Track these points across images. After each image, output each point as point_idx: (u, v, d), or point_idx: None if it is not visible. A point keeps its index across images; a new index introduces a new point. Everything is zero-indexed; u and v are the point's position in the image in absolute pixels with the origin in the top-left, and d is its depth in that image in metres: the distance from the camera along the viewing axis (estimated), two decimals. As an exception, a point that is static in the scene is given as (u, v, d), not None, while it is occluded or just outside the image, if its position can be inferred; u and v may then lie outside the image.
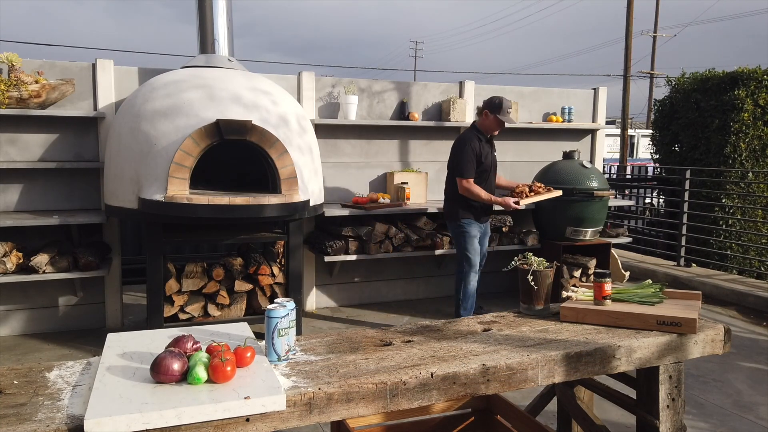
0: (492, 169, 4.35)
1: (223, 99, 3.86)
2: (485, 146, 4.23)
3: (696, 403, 3.34)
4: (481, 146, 4.19)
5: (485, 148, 4.23)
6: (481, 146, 4.18)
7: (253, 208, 3.68)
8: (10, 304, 4.34)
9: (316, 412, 1.43)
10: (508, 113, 4.14)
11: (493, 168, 4.36)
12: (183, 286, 4.13)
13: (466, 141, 4.18)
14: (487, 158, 4.24)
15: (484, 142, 4.22)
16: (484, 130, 4.25)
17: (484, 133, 4.24)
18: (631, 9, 18.42)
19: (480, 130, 4.25)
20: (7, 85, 4.05)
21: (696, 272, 6.16)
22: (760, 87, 7.14)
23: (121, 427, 1.23)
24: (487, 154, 4.23)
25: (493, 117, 4.15)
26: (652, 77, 24.38)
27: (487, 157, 4.24)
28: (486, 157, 4.22)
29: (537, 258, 2.14)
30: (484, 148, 4.21)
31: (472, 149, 4.14)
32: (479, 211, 4.30)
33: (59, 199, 4.43)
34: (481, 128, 4.25)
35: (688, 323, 1.89)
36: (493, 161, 4.36)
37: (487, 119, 4.20)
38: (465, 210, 4.27)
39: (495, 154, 4.39)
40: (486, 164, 4.24)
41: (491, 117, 4.16)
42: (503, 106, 4.13)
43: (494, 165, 4.39)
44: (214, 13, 4.35)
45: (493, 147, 4.38)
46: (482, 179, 4.24)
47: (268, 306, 1.60)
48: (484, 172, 4.25)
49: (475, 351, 1.73)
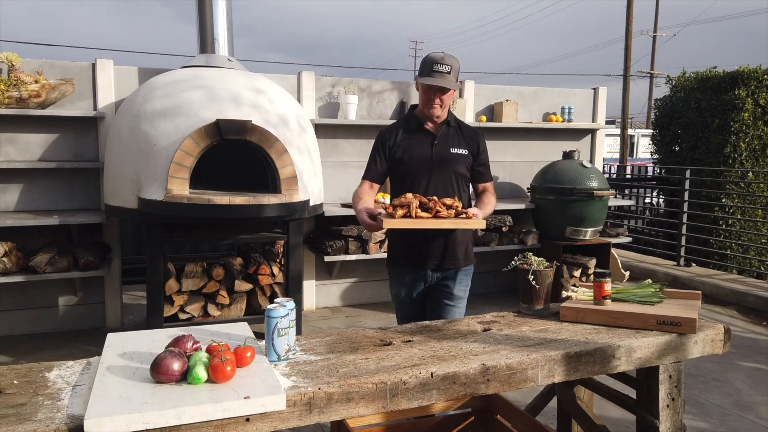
0: (429, 167, 2.60)
1: (223, 99, 3.86)
2: (413, 135, 2.65)
3: (696, 403, 3.34)
4: (399, 134, 2.66)
5: (411, 136, 2.65)
6: (398, 134, 2.66)
7: (253, 208, 3.68)
8: (10, 304, 4.34)
9: (316, 411, 1.43)
10: (435, 70, 2.48)
11: (433, 166, 2.60)
12: (183, 286, 4.13)
13: (379, 132, 2.76)
14: (413, 151, 2.62)
15: (411, 131, 2.66)
16: (420, 110, 2.67)
17: (419, 117, 2.67)
18: (630, 9, 18.42)
19: (414, 114, 2.72)
20: (7, 84, 4.05)
21: (696, 272, 6.16)
22: (761, 87, 7.14)
23: (121, 427, 1.23)
24: (410, 145, 2.63)
25: (420, 87, 2.58)
26: (652, 77, 24.39)
27: (411, 149, 2.62)
28: (408, 149, 2.62)
29: (537, 258, 2.14)
30: (404, 136, 2.66)
31: (378, 140, 2.69)
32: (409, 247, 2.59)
33: (59, 199, 4.43)
34: (418, 109, 2.70)
35: (688, 323, 1.89)
36: (434, 157, 2.60)
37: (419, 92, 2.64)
38: (391, 248, 2.70)
39: (456, 150, 2.62)
40: (407, 159, 2.61)
41: (419, 86, 2.59)
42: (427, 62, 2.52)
43: (435, 162, 2.60)
44: (214, 13, 4.35)
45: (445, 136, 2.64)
46: (405, 183, 2.61)
47: (268, 306, 1.60)
48: (404, 173, 2.61)
49: (475, 351, 1.73)
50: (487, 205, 2.59)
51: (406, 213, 2.22)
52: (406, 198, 2.31)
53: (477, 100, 5.64)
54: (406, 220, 2.20)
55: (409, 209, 2.24)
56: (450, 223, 2.24)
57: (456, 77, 2.54)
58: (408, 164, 2.60)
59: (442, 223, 2.23)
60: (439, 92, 2.53)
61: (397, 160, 2.62)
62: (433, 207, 2.26)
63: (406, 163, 2.60)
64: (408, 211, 2.23)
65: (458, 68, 2.54)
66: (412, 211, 2.23)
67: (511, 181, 5.89)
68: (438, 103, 2.55)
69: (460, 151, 2.62)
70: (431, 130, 2.62)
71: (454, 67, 2.50)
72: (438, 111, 2.57)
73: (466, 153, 2.63)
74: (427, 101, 2.56)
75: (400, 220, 2.20)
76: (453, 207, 2.30)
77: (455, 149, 2.61)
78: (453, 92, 2.58)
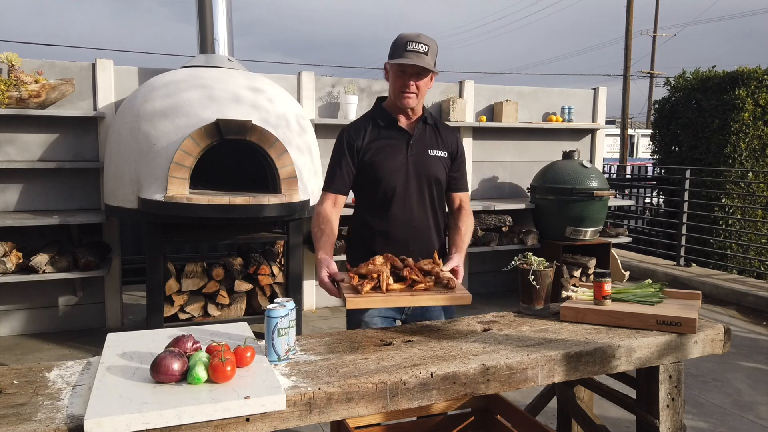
0: (404, 174, 2.14)
1: (223, 99, 3.86)
2: (385, 134, 2.16)
3: (696, 403, 3.34)
4: (368, 133, 2.17)
5: (383, 135, 2.16)
6: (366, 133, 2.16)
7: (252, 207, 3.68)
8: (10, 304, 4.34)
9: (316, 411, 1.43)
10: (410, 50, 2.02)
11: (409, 172, 2.15)
12: (183, 286, 4.13)
13: (341, 131, 2.25)
14: (386, 154, 2.14)
15: (382, 129, 2.17)
16: (390, 103, 2.20)
17: (389, 112, 2.19)
18: (631, 9, 18.42)
19: (382, 108, 2.22)
20: (7, 84, 4.05)
21: (696, 272, 6.16)
22: (761, 87, 7.14)
23: (121, 427, 1.23)
24: (382, 147, 2.15)
25: (391, 71, 2.11)
26: (652, 77, 24.38)
27: (384, 151, 2.14)
28: (379, 152, 2.14)
29: (537, 258, 2.14)
30: (374, 136, 2.16)
31: (343, 141, 2.18)
32: None
33: (59, 199, 4.43)
34: (387, 102, 2.22)
35: (687, 323, 1.89)
36: (409, 161, 2.15)
37: (388, 79, 2.16)
38: None
39: (435, 152, 2.19)
40: (379, 164, 2.13)
41: (390, 71, 2.13)
42: (399, 41, 2.06)
43: (412, 166, 2.15)
44: (214, 13, 4.35)
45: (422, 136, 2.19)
46: (374, 192, 2.17)
47: (268, 306, 1.60)
48: (374, 180, 2.15)
49: (475, 351, 1.73)
50: (465, 236, 2.19)
51: (375, 284, 1.82)
52: (375, 264, 1.87)
53: (477, 100, 5.64)
54: (375, 297, 1.79)
55: (378, 280, 1.82)
56: (429, 299, 1.83)
57: (434, 61, 2.07)
58: (379, 170, 2.13)
59: (419, 299, 1.82)
60: (414, 76, 2.06)
61: (367, 166, 2.14)
62: (408, 275, 1.86)
63: (377, 169, 2.13)
64: (377, 282, 1.82)
65: (436, 51, 2.08)
66: (383, 282, 1.82)
67: (511, 181, 5.89)
68: (413, 89, 2.07)
69: (438, 153, 2.19)
70: (406, 129, 2.17)
71: (431, 48, 2.05)
72: (413, 101, 2.10)
73: (445, 156, 2.21)
74: (400, 88, 2.08)
75: (366, 297, 1.78)
76: (432, 273, 1.88)
77: (433, 151, 2.18)
78: (431, 79, 2.13)
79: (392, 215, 2.15)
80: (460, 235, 2.19)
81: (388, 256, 1.91)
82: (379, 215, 2.18)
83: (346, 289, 1.82)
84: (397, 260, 1.91)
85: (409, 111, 2.16)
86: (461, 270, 2.03)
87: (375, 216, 2.19)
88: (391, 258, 1.91)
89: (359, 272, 1.87)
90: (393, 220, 2.16)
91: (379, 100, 2.26)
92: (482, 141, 5.68)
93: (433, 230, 2.22)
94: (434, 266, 1.90)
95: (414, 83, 2.07)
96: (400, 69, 2.06)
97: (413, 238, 2.17)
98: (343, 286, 1.85)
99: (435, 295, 1.82)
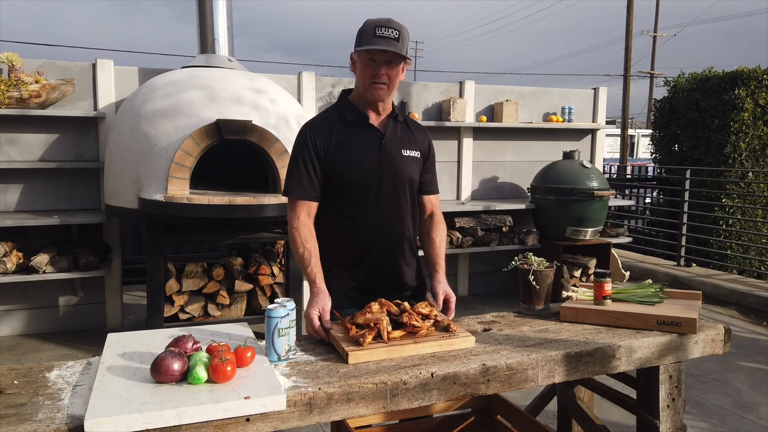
0: (378, 177, 1.95)
1: (223, 99, 3.86)
2: (354, 132, 1.96)
3: (696, 403, 3.34)
4: (335, 131, 1.95)
5: (352, 134, 1.96)
6: (333, 131, 1.95)
7: (253, 207, 3.68)
8: (10, 304, 4.34)
9: (316, 412, 1.43)
10: (380, 35, 1.83)
11: (383, 175, 1.95)
12: (183, 286, 4.13)
13: (303, 128, 2.00)
14: (357, 155, 1.94)
15: (351, 126, 1.97)
16: (358, 97, 1.99)
17: (356, 106, 1.99)
18: (631, 9, 18.42)
19: (349, 102, 2.01)
20: (7, 85, 4.05)
21: (696, 272, 6.16)
22: (760, 87, 7.14)
23: (121, 427, 1.23)
24: (352, 147, 1.94)
25: (359, 60, 1.90)
26: (652, 77, 24.38)
27: (354, 151, 1.94)
28: (349, 152, 1.94)
29: (537, 258, 2.14)
30: (342, 134, 1.95)
31: (307, 140, 1.94)
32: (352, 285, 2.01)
33: (59, 199, 4.43)
34: (355, 96, 2.01)
35: (688, 323, 1.89)
36: (383, 162, 1.96)
37: (356, 71, 1.95)
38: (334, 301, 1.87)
39: (408, 153, 2.02)
40: (350, 166, 1.93)
41: (357, 61, 1.91)
42: (368, 27, 1.86)
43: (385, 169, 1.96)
44: (214, 13, 4.35)
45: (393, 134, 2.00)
46: (346, 199, 1.97)
47: (268, 306, 1.60)
48: (344, 185, 1.95)
49: (475, 351, 1.73)
50: (440, 249, 2.07)
51: (376, 334, 1.67)
52: (373, 312, 1.72)
53: (477, 101, 5.64)
54: (378, 349, 1.63)
55: (378, 330, 1.67)
56: (434, 346, 1.69)
57: (406, 48, 1.87)
58: (351, 172, 1.92)
59: (423, 346, 1.68)
60: (385, 65, 1.86)
61: (336, 168, 1.92)
62: (408, 321, 1.71)
63: (348, 171, 1.92)
64: (377, 331, 1.67)
65: (408, 38, 1.88)
66: (383, 332, 1.67)
67: (511, 181, 5.89)
68: (385, 79, 1.87)
69: (412, 153, 2.02)
70: (377, 126, 1.97)
71: (402, 33, 1.85)
72: (384, 92, 1.90)
73: (418, 156, 2.04)
74: (370, 78, 1.87)
75: (370, 350, 1.62)
76: (430, 316, 1.78)
77: (407, 151, 2.00)
78: (403, 69, 1.93)
79: (365, 220, 1.96)
80: (436, 249, 2.07)
81: (383, 302, 1.79)
82: (351, 220, 1.97)
83: (344, 341, 1.66)
84: (392, 306, 1.79)
85: (379, 106, 1.96)
86: (451, 293, 1.94)
87: (347, 219, 1.97)
88: (386, 303, 1.78)
89: (356, 322, 1.72)
90: (365, 226, 1.96)
91: (344, 92, 2.05)
92: (482, 141, 5.68)
93: (409, 237, 2.05)
94: (431, 309, 1.81)
95: (385, 72, 1.87)
96: (370, 57, 1.86)
97: (387, 246, 2.00)
98: (339, 337, 1.69)
99: (438, 341, 1.71)
